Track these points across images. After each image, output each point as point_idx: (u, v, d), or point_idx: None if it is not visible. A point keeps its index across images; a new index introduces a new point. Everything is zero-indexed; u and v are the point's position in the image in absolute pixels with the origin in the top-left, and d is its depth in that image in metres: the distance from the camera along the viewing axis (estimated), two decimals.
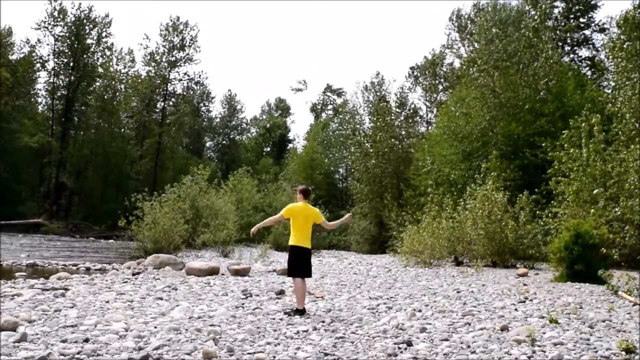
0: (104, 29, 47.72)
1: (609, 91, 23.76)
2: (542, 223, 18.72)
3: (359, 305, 8.29)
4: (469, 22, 43.12)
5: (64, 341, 5.25)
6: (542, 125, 25.21)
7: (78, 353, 4.80)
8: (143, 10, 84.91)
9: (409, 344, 5.55)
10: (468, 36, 41.17)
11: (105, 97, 48.00)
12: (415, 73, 51.52)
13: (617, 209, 16.27)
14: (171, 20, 50.48)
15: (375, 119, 39.13)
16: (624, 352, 5.20)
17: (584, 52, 38.65)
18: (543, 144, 21.01)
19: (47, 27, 46.23)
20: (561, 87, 27.39)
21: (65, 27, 46.40)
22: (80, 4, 46.63)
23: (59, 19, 46.34)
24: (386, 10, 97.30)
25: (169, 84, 51.51)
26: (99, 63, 48.31)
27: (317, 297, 9.10)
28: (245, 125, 66.34)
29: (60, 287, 9.49)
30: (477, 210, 19.25)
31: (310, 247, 7.59)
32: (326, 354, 5.08)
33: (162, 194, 23.42)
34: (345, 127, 45.55)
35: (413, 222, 23.20)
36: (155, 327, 6.10)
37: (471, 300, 9.11)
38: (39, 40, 46.24)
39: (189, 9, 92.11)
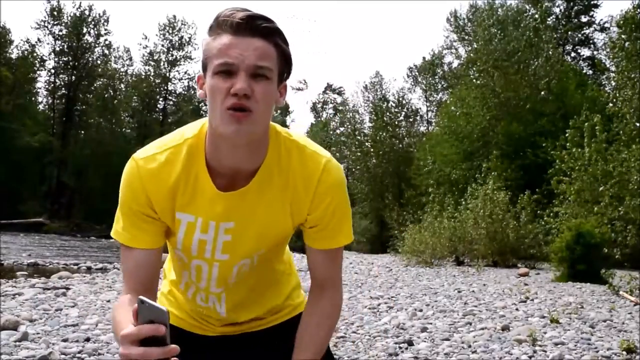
0: (102, 27, 47.71)
1: (610, 91, 23.75)
2: (543, 223, 18.73)
3: (359, 304, 8.27)
4: (467, 22, 43.01)
5: (65, 340, 5.25)
6: (543, 125, 25.19)
7: (79, 352, 4.80)
8: (142, 10, 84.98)
9: (410, 343, 5.54)
10: (466, 36, 41.12)
11: (106, 96, 48.06)
12: (414, 73, 51.48)
13: (619, 209, 16.28)
14: (168, 20, 50.55)
15: (375, 118, 39.14)
16: (625, 352, 5.20)
17: (585, 52, 38.72)
18: (544, 144, 21.00)
19: (46, 27, 46.27)
20: (562, 86, 27.38)
21: (64, 26, 46.42)
22: (80, 3, 46.72)
23: (57, 18, 46.34)
24: (385, 10, 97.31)
25: (169, 83, 51.57)
26: (98, 62, 48.36)
27: None
28: None
29: (61, 287, 9.48)
30: (479, 210, 19.25)
31: None
32: None
33: None
34: (345, 126, 45.62)
35: (414, 221, 23.19)
36: None
37: (472, 299, 9.09)
38: (38, 39, 46.32)
39: (187, 9, 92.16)
